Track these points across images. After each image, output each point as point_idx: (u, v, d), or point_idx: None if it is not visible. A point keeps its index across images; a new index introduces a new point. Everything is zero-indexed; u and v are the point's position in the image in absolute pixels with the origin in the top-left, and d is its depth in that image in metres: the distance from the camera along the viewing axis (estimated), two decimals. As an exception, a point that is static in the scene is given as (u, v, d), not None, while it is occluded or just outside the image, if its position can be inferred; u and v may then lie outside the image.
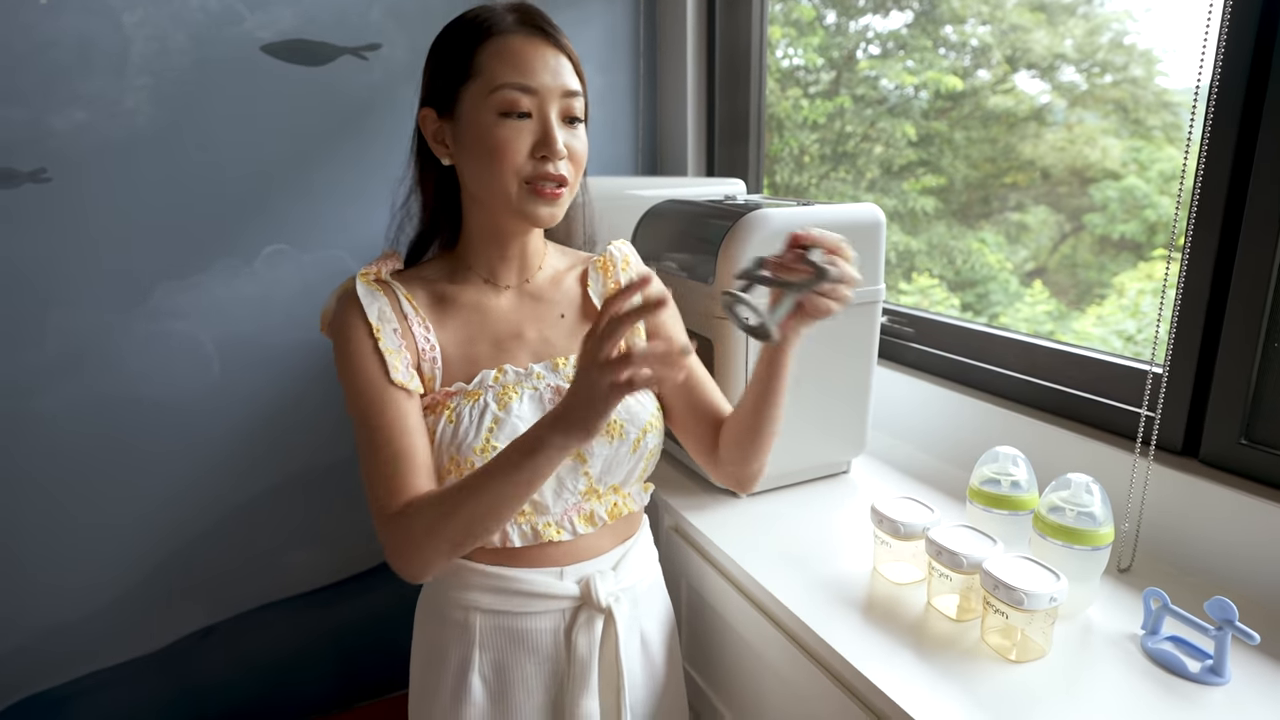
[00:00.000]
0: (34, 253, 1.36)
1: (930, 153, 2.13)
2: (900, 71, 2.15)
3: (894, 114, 2.17)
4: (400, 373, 0.74)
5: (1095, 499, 0.75)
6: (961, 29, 2.07)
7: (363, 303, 0.75)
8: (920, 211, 2.13)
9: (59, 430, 1.43)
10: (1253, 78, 0.77)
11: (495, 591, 0.79)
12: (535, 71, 0.72)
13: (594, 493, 0.80)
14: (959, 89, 2.03)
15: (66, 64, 1.32)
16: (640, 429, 0.81)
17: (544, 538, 0.78)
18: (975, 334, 1.14)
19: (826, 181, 2.39)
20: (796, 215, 0.96)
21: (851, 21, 2.45)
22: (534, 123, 0.73)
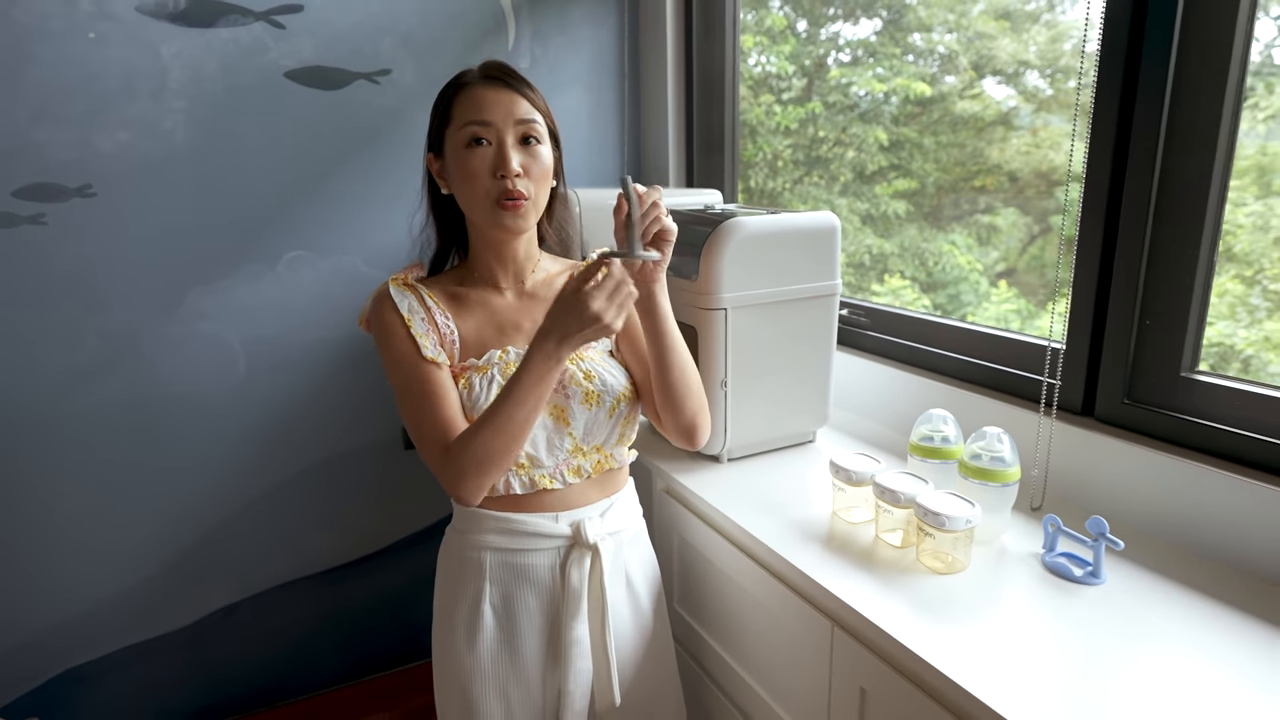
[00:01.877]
0: (79, 261, 1.50)
1: (901, 157, 2.15)
2: (870, 79, 2.21)
3: (865, 120, 2.21)
4: (430, 349, 0.92)
5: (1005, 446, 0.93)
6: (929, 37, 2.11)
7: (395, 299, 0.94)
8: (892, 215, 2.17)
9: (99, 422, 1.57)
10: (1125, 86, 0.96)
11: (502, 533, 0.97)
12: (489, 109, 0.91)
13: (580, 451, 0.98)
14: (927, 95, 2.08)
15: (111, 91, 1.47)
16: (614, 398, 0.98)
17: (539, 486, 0.96)
18: (919, 321, 1.33)
19: (800, 186, 2.39)
20: (765, 221, 1.14)
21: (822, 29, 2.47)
22: (492, 149, 0.91)
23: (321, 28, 1.60)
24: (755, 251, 1.13)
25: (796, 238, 1.17)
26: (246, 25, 1.54)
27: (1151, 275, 0.97)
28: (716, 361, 1.15)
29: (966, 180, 1.97)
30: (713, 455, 1.22)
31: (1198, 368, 0.98)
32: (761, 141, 2.42)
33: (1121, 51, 0.96)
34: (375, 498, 1.86)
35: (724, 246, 1.11)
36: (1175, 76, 0.92)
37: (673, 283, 1.19)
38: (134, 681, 1.70)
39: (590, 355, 0.99)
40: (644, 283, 0.91)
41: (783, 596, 0.95)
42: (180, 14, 1.49)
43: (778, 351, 1.19)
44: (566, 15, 1.83)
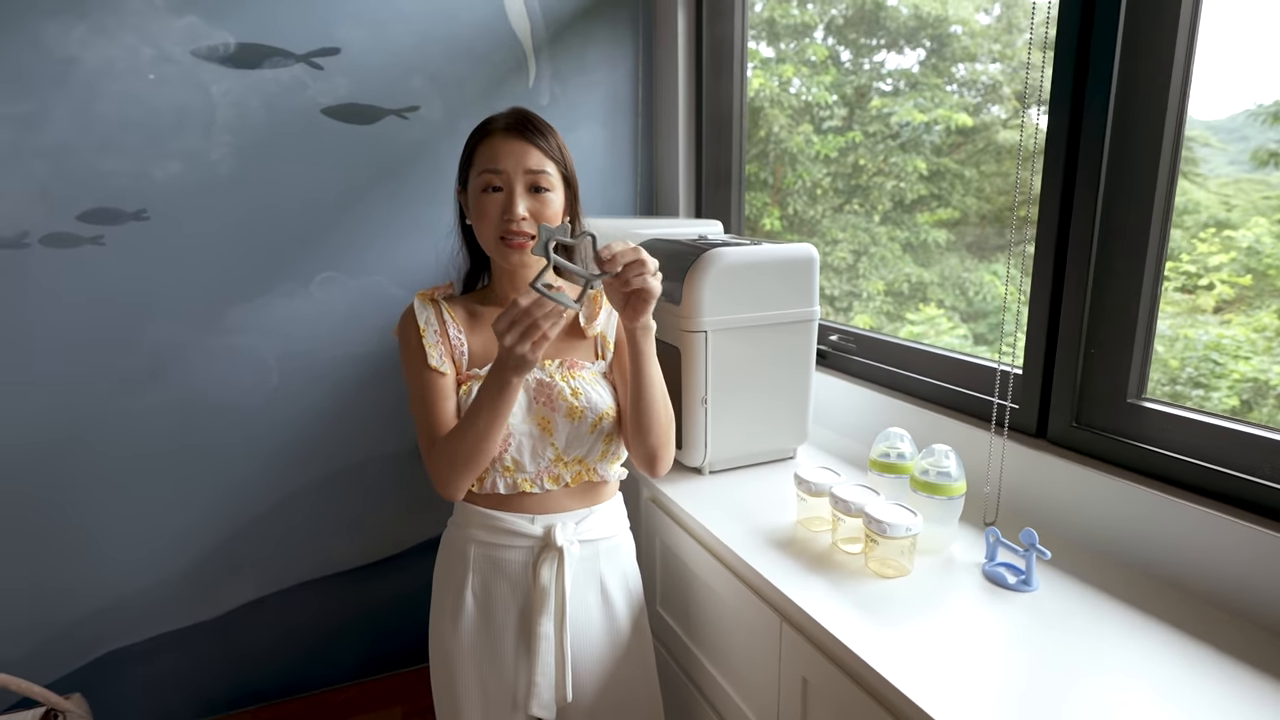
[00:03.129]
0: (133, 278, 1.66)
1: (941, 187, 2.18)
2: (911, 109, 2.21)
3: (905, 149, 2.23)
4: (435, 359, 1.04)
5: (951, 462, 1.01)
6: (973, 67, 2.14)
7: (416, 311, 1.07)
8: (932, 243, 2.20)
9: (144, 426, 1.72)
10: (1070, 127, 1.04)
11: (485, 528, 1.07)
12: (502, 159, 1.03)
13: (561, 461, 1.08)
14: (969, 125, 2.10)
15: (166, 126, 1.63)
16: (597, 415, 1.08)
17: (520, 489, 1.06)
18: (897, 346, 1.41)
19: (839, 214, 2.44)
20: (745, 252, 1.24)
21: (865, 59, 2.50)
22: (503, 195, 1.03)
23: (356, 68, 1.75)
24: (735, 279, 1.23)
25: (775, 267, 1.26)
26: (288, 66, 1.69)
27: (1096, 307, 1.04)
28: (697, 380, 1.24)
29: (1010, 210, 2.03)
30: (695, 467, 1.31)
31: (1144, 394, 1.04)
32: (801, 169, 2.48)
33: (1068, 89, 1.04)
34: (396, 504, 1.98)
35: (705, 275, 1.21)
36: (1114, 119, 1.00)
37: (661, 306, 1.29)
38: (169, 665, 1.84)
39: (583, 374, 1.09)
40: (626, 325, 1.00)
41: (741, 594, 1.04)
42: (230, 57, 1.65)
43: (757, 372, 1.28)
44: (584, 57, 1.96)
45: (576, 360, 1.11)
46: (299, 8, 1.68)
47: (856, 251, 2.26)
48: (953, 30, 2.17)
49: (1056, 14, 1.04)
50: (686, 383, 1.25)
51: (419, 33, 1.79)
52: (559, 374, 1.08)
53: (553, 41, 1.91)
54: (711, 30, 1.93)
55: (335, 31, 1.72)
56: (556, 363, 1.09)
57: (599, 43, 1.96)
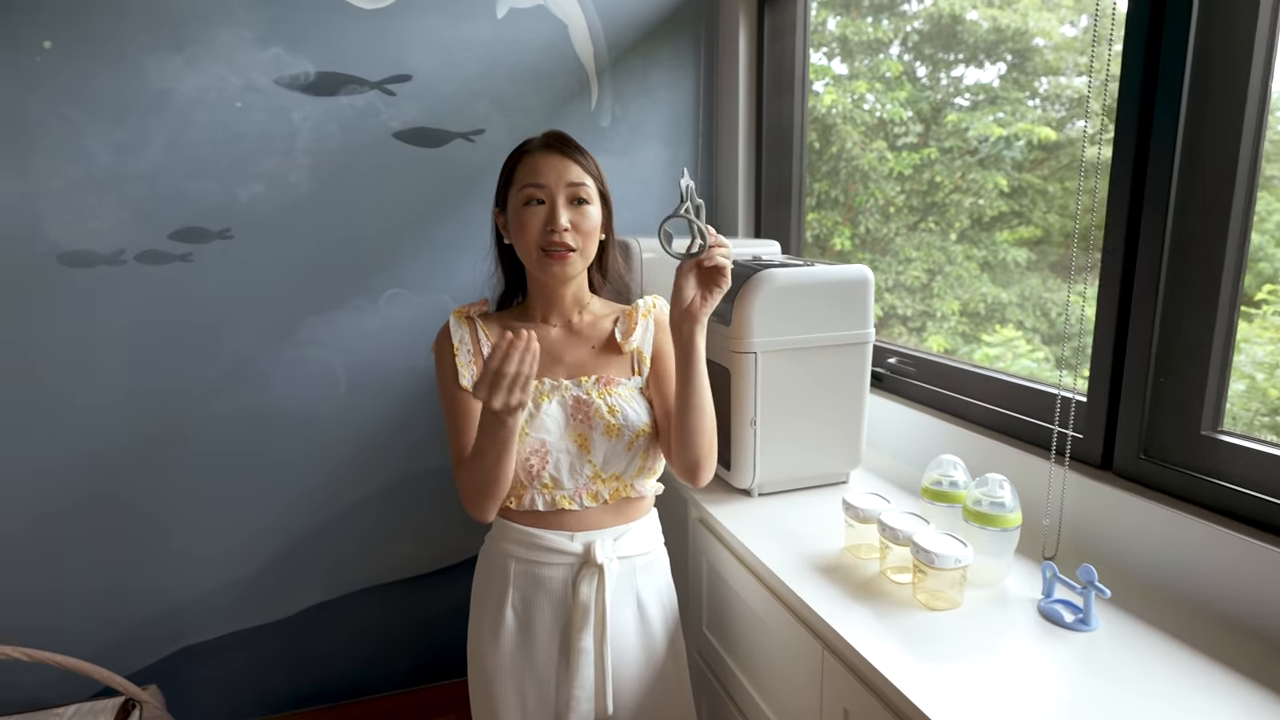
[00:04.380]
0: (216, 292, 1.76)
1: (1023, 204, 2.13)
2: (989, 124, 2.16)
3: (984, 165, 2.18)
4: (466, 378, 1.07)
5: (1006, 493, 0.97)
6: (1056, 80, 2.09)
7: (451, 329, 1.10)
8: (1012, 263, 2.14)
9: (221, 430, 1.81)
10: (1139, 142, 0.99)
11: (525, 545, 1.09)
12: (544, 174, 1.05)
13: (599, 478, 1.09)
14: (1051, 140, 2.05)
15: (251, 149, 1.73)
16: (634, 432, 1.09)
17: (559, 506, 1.08)
18: (956, 370, 1.37)
19: (914, 232, 2.40)
20: (797, 273, 1.23)
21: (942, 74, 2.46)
22: (545, 208, 1.05)
23: (426, 93, 1.82)
24: (786, 301, 1.22)
25: (829, 289, 1.25)
26: (363, 93, 1.78)
27: (1167, 332, 0.99)
28: (747, 401, 1.24)
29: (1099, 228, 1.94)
30: (744, 489, 1.30)
31: (1220, 426, 0.99)
32: (874, 187, 2.44)
33: (1135, 105, 1.00)
34: (453, 514, 2.02)
35: (755, 296, 1.20)
36: (1186, 133, 0.95)
37: (711, 326, 1.29)
38: (238, 662, 1.92)
39: (619, 391, 1.11)
40: (687, 320, 1.01)
41: (783, 619, 1.02)
42: (310, 85, 1.74)
43: (808, 395, 1.27)
44: (647, 78, 1.98)
45: (613, 376, 1.12)
46: (374, 38, 1.76)
47: (931, 271, 2.22)
48: (1035, 43, 2.12)
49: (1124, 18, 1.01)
50: (736, 404, 1.24)
51: (486, 59, 1.85)
52: (595, 391, 1.09)
53: (615, 64, 1.95)
54: (773, 48, 1.93)
55: (407, 59, 1.80)
56: (593, 379, 1.10)
57: (661, 63, 1.99)
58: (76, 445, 1.73)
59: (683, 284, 1.00)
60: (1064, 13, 2.11)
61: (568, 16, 1.89)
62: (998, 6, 2.20)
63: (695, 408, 1.05)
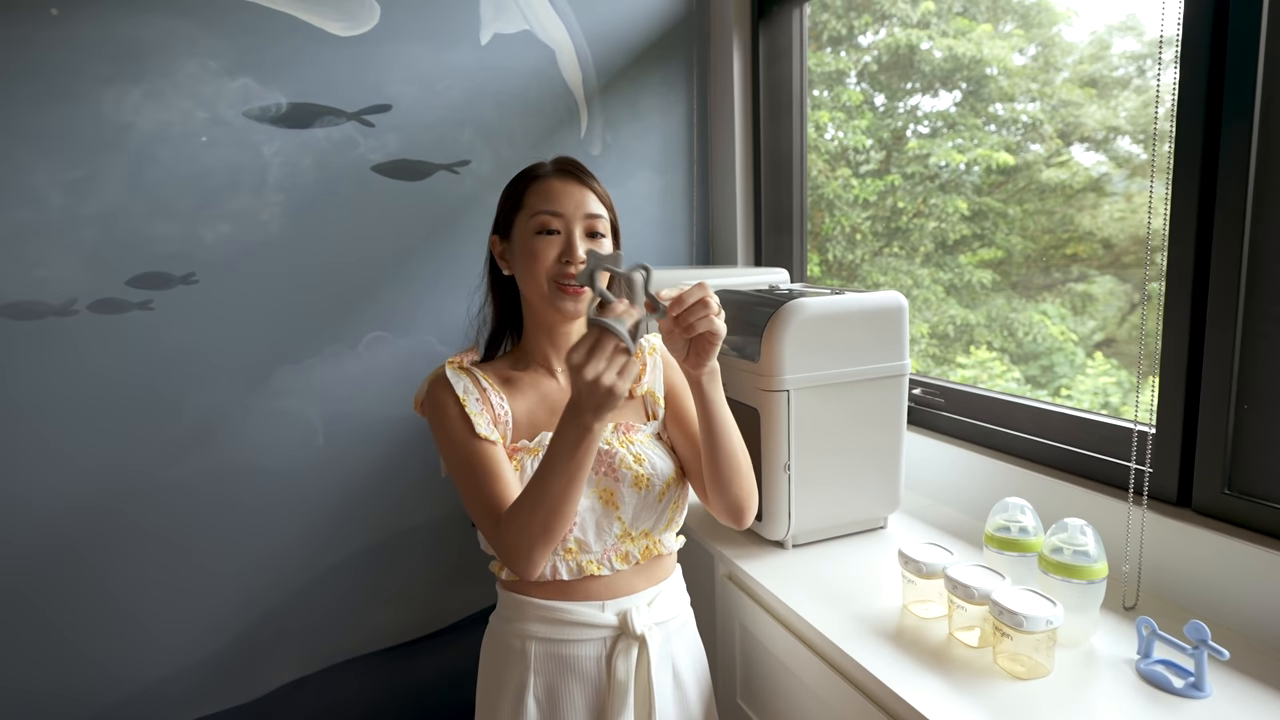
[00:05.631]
0: (180, 342, 1.61)
1: (984, 227, 2.16)
2: (949, 150, 2.21)
3: (945, 190, 2.22)
4: (484, 427, 0.93)
5: (1089, 539, 0.87)
6: (1011, 106, 2.14)
7: (451, 381, 0.97)
8: (977, 284, 2.16)
9: (186, 494, 1.65)
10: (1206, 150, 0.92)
11: (547, 622, 0.95)
12: (561, 201, 0.95)
13: (628, 536, 0.97)
14: (1010, 164, 2.09)
15: (218, 187, 1.60)
16: (664, 482, 0.97)
17: (587, 572, 0.94)
18: (995, 401, 1.28)
19: (880, 257, 2.42)
20: (828, 302, 1.13)
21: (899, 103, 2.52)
22: (561, 238, 0.95)
23: (407, 123, 1.71)
24: (818, 332, 1.12)
25: (861, 318, 1.15)
26: (339, 124, 1.66)
27: (1248, 355, 0.91)
28: (779, 444, 1.13)
29: (1056, 248, 1.93)
30: (776, 541, 1.19)
31: (1310, 456, 0.90)
32: (839, 214, 2.46)
33: (1200, 112, 0.92)
34: (442, 574, 1.87)
35: (786, 328, 1.10)
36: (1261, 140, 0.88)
37: (735, 364, 1.18)
38: (207, 753, 1.73)
39: (640, 438, 0.99)
40: (691, 374, 0.91)
41: (847, 696, 0.90)
42: (282, 117, 1.62)
43: (844, 434, 1.16)
44: (637, 103, 1.90)
45: (630, 423, 1.01)
46: (350, 67, 1.66)
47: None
48: (989, 71, 2.18)
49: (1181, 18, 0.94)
50: (767, 447, 1.13)
51: (470, 87, 1.75)
52: (617, 440, 0.98)
53: (605, 90, 1.87)
54: (769, 72, 1.86)
55: (386, 89, 1.69)
56: (610, 428, 1.00)
57: (652, 88, 1.91)
58: (19, 518, 1.55)
59: (671, 345, 0.89)
60: (1015, 41, 2.18)
61: (555, 42, 1.81)
62: (952, 36, 2.28)
63: (727, 452, 0.95)
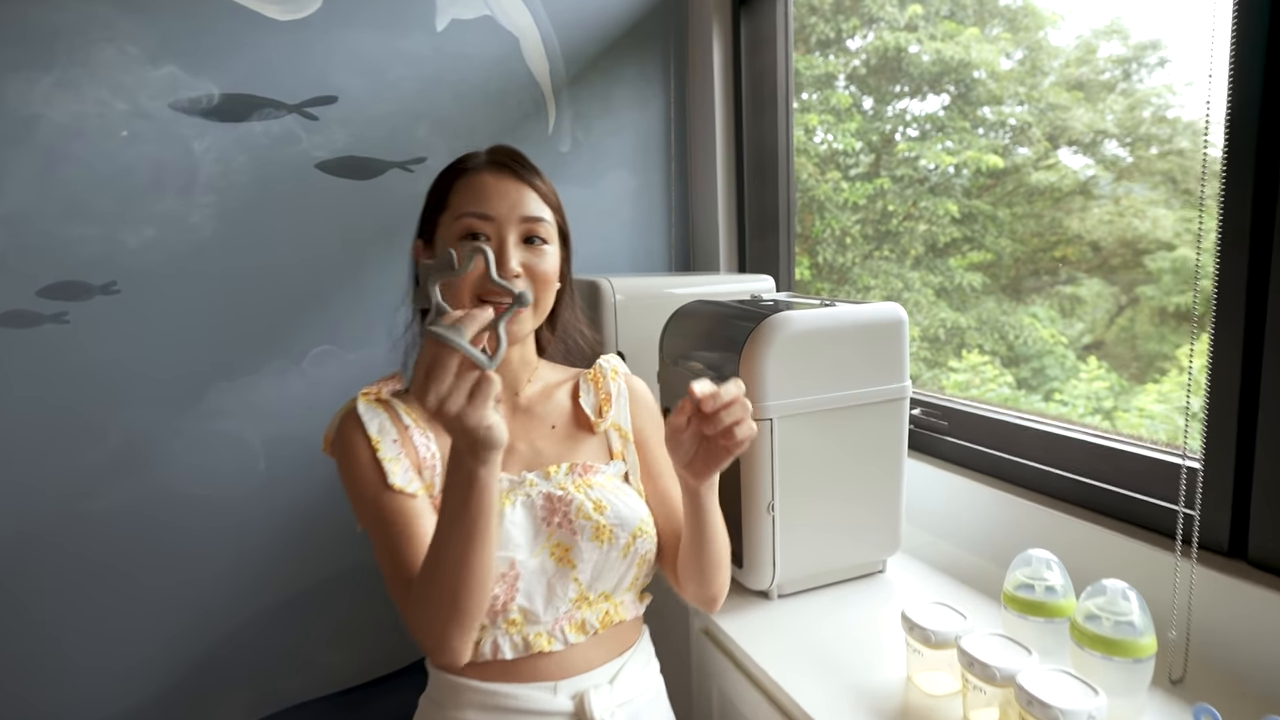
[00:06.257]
0: (101, 358, 1.44)
1: (974, 229, 2.14)
2: (939, 152, 2.19)
3: (935, 193, 2.20)
4: (398, 477, 0.77)
5: (1134, 606, 0.72)
6: (999, 109, 2.11)
7: (363, 419, 0.80)
8: (967, 287, 2.13)
9: (113, 524, 1.48)
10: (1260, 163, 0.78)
11: (488, 709, 0.78)
12: (492, 201, 0.79)
13: (585, 600, 0.81)
14: (1000, 167, 2.06)
15: (140, 186, 1.44)
16: (630, 533, 0.81)
17: (535, 648, 0.78)
18: (1007, 426, 1.13)
19: (870, 260, 2.40)
20: (817, 315, 0.98)
21: (888, 106, 2.52)
22: (491, 245, 0.79)
23: (354, 117, 1.55)
24: (805, 350, 0.97)
25: (855, 333, 1.00)
26: (278, 118, 1.50)
27: (1316, 382, 0.76)
28: (761, 481, 0.97)
29: (1045, 251, 1.92)
30: (760, 591, 1.03)
31: (1388, 501, 0.75)
32: (830, 217, 2.44)
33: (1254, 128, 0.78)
34: (395, 612, 1.70)
35: (768, 346, 0.95)
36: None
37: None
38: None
39: (600, 481, 0.84)
40: (690, 482, 0.75)
41: (845, 794, 0.75)
42: (214, 109, 1.46)
43: (836, 467, 1.01)
44: (610, 97, 1.75)
45: (588, 463, 0.85)
46: (290, 54, 1.50)
47: (889, 298, 2.30)
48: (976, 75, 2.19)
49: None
50: (747, 485, 0.98)
51: (425, 76, 1.60)
52: (572, 483, 0.82)
53: (574, 82, 1.71)
54: (752, 61, 1.72)
55: (331, 79, 1.53)
56: (564, 468, 0.84)
57: (626, 80, 1.76)
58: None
59: (677, 436, 0.71)
60: (1003, 44, 2.18)
61: (518, 28, 1.65)
62: (940, 39, 2.28)
63: (711, 552, 0.81)
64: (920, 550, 1.17)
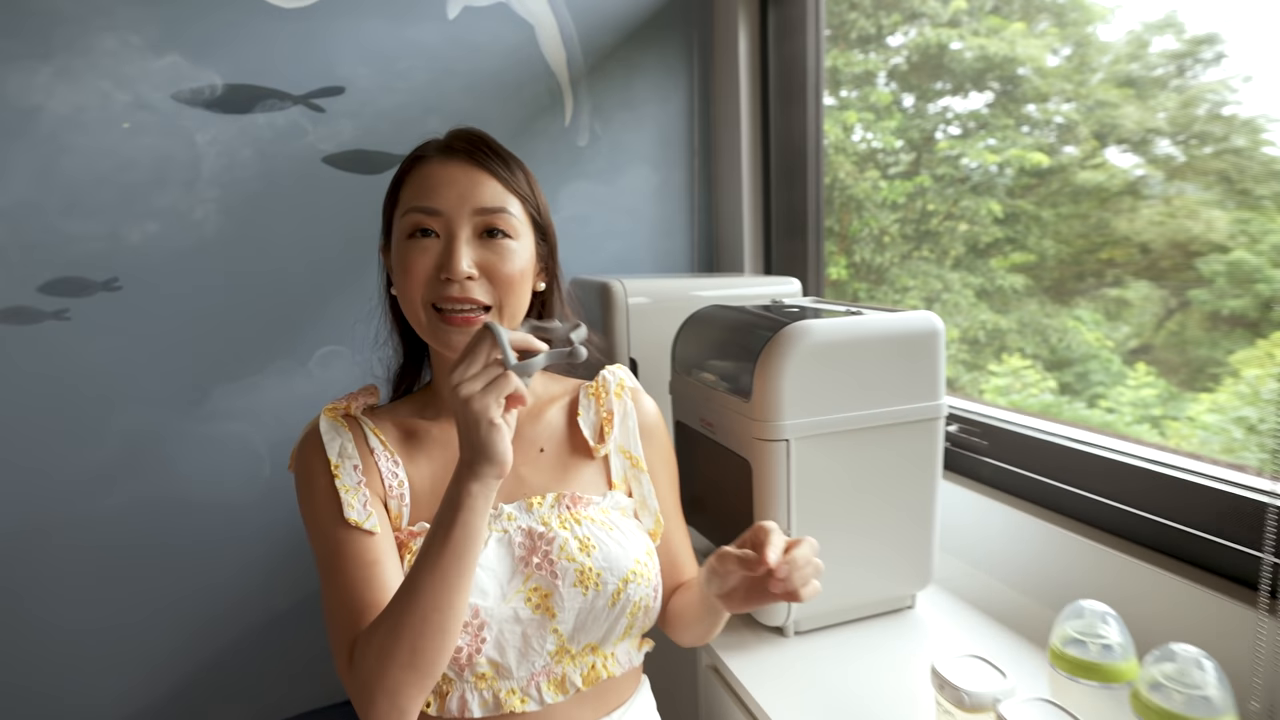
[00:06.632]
0: (103, 357, 1.40)
1: (1017, 230, 2.10)
2: (981, 150, 2.15)
3: (977, 192, 2.16)
4: (355, 510, 0.68)
5: (1209, 678, 0.61)
6: (1045, 107, 2.05)
7: (324, 439, 0.72)
8: (1009, 289, 2.08)
9: (115, 530, 1.45)
10: None
11: None
12: (440, 192, 0.71)
13: (566, 653, 0.71)
14: (1044, 165, 2.01)
15: (143, 181, 1.39)
16: (620, 578, 0.72)
17: (506, 708, 0.69)
18: (1057, 449, 1.01)
19: (909, 261, 2.36)
20: (842, 325, 0.88)
21: (930, 104, 2.47)
22: (439, 242, 0.71)
23: (363, 109, 1.49)
24: (828, 363, 0.87)
25: (885, 344, 0.90)
26: (284, 109, 1.45)
27: None
28: (775, 506, 0.88)
29: (1091, 252, 1.86)
30: (775, 627, 0.94)
31: None
32: (868, 216, 2.40)
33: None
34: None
35: (785, 357, 0.85)
36: None
37: (722, 400, 0.94)
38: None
39: (592, 515, 0.74)
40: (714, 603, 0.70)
41: None
42: (217, 100, 1.41)
43: (861, 494, 0.91)
44: (630, 88, 1.67)
45: (580, 494, 0.76)
46: (296, 43, 1.44)
47: (928, 299, 2.19)
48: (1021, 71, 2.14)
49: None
50: (760, 509, 0.89)
51: (436, 67, 1.53)
52: (557, 518, 0.73)
53: (593, 72, 1.63)
54: (780, 49, 1.62)
55: (338, 69, 1.47)
56: (549, 499, 0.74)
57: (647, 72, 1.67)
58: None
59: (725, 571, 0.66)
60: (1049, 40, 2.12)
61: (534, 16, 1.58)
62: (984, 35, 2.23)
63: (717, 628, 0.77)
64: (954, 581, 1.06)
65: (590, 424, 0.80)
